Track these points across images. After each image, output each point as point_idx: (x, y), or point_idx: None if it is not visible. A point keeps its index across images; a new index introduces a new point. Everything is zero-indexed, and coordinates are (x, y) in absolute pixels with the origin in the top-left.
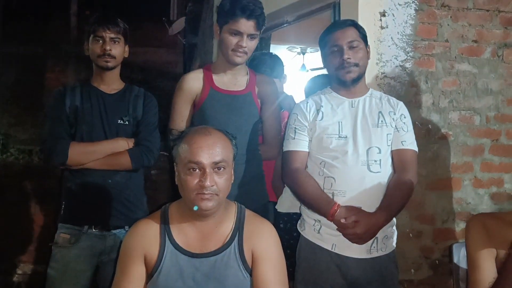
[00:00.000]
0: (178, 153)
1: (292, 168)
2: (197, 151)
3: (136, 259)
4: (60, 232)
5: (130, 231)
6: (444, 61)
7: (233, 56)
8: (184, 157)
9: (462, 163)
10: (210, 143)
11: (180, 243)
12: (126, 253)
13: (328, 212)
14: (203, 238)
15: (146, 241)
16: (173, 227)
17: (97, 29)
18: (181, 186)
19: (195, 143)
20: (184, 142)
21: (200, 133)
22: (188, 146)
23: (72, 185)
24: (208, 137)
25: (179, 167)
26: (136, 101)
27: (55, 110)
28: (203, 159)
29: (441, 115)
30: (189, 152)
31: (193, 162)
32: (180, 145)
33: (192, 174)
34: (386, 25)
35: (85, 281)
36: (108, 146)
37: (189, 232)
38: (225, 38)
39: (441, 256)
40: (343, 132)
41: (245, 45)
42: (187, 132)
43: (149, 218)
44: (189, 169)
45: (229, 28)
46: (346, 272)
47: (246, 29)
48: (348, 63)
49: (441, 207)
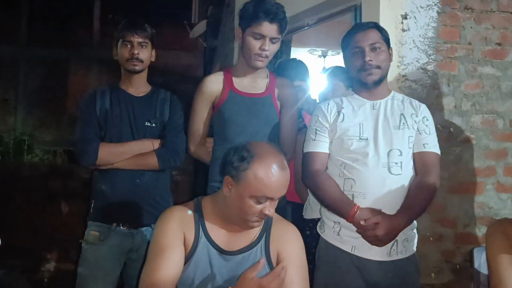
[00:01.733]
0: (247, 178)
1: (312, 170)
2: (274, 186)
3: (177, 240)
4: (89, 229)
5: (167, 215)
6: (467, 63)
7: (255, 61)
8: (257, 189)
9: (485, 167)
10: (284, 180)
11: (212, 236)
12: (165, 235)
13: (348, 213)
14: (231, 236)
15: (184, 226)
16: (206, 220)
17: (126, 34)
18: (239, 205)
19: (272, 178)
20: (257, 171)
21: (277, 167)
22: (265, 178)
23: (102, 185)
24: (283, 173)
25: (243, 190)
26: (163, 104)
27: (86, 113)
28: (276, 194)
29: (463, 118)
30: (264, 186)
31: (267, 197)
32: (249, 172)
33: (259, 203)
34: (408, 28)
35: (114, 277)
36: (136, 146)
37: (219, 228)
38: (248, 41)
39: (462, 260)
40: (364, 134)
41: (268, 48)
42: (259, 159)
43: (183, 206)
44: (258, 199)
45: (252, 31)
46: (366, 275)
47: (269, 33)
48: (370, 65)
49: (463, 211)
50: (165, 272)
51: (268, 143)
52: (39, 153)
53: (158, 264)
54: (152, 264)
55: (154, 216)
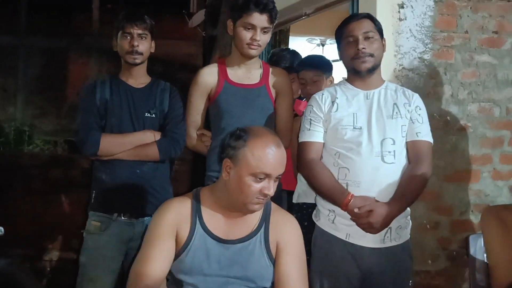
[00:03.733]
0: (245, 157)
1: (307, 159)
2: (271, 163)
3: (169, 233)
4: (91, 219)
5: (163, 207)
6: (464, 52)
7: (248, 50)
8: (255, 165)
9: (481, 155)
10: (281, 157)
11: (209, 227)
12: (158, 227)
13: (342, 201)
14: (231, 226)
15: (179, 218)
16: (204, 210)
17: (126, 26)
18: (239, 187)
19: (269, 154)
20: (254, 148)
21: (273, 144)
22: (262, 155)
23: (102, 175)
24: (280, 150)
25: (241, 169)
26: (162, 94)
27: (87, 103)
28: (273, 171)
29: (460, 107)
30: (261, 161)
31: (264, 173)
32: (247, 149)
33: (258, 182)
34: (405, 17)
35: (116, 266)
36: (137, 137)
37: (218, 218)
38: (239, 33)
39: (458, 247)
40: (358, 123)
41: (259, 39)
42: (255, 137)
43: (181, 198)
44: (256, 177)
45: (242, 22)
46: (360, 262)
47: (260, 23)
48: (363, 53)
49: (459, 198)
50: (153, 263)
51: (263, 127)
52: (40, 143)
53: (147, 254)
54: (142, 254)
55: (154, 206)
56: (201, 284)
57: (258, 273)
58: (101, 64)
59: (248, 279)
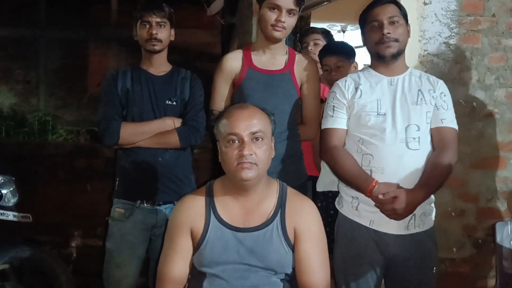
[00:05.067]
0: (219, 129)
1: (330, 146)
2: (235, 123)
3: (183, 232)
4: (115, 207)
5: (177, 206)
6: (491, 36)
7: (272, 31)
8: (224, 131)
9: (508, 141)
10: (246, 115)
11: (224, 217)
12: (174, 227)
13: (366, 188)
14: (246, 214)
15: (192, 215)
16: (217, 202)
17: (144, 15)
18: (223, 160)
19: (233, 116)
20: (223, 117)
21: (237, 107)
22: (227, 120)
23: (125, 163)
24: (244, 110)
25: (220, 143)
26: (183, 83)
27: (108, 93)
28: (241, 130)
29: (487, 92)
30: (227, 125)
31: (232, 134)
32: (220, 122)
33: (231, 146)
34: (430, 1)
35: (141, 252)
36: (157, 125)
37: (232, 207)
38: (264, 14)
39: (484, 235)
40: (382, 109)
41: (284, 20)
42: (226, 109)
43: (195, 193)
44: (229, 141)
45: (268, 3)
46: (384, 248)
47: (286, 4)
48: (388, 38)
49: (485, 186)
50: (174, 265)
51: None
52: (63, 133)
53: (167, 255)
54: (163, 254)
55: (176, 193)
56: (223, 274)
57: (277, 262)
58: (120, 54)
59: (269, 268)
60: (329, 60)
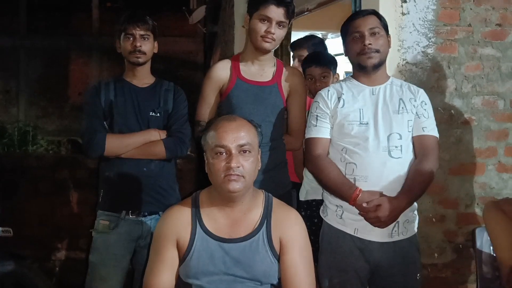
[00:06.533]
0: (206, 140)
1: (314, 155)
2: (223, 135)
3: (169, 243)
4: (100, 219)
5: (163, 217)
6: (467, 45)
7: (262, 42)
8: (211, 142)
9: (486, 147)
10: (234, 127)
11: (210, 228)
12: (160, 238)
13: (350, 196)
14: (232, 225)
15: (178, 226)
16: (203, 213)
17: (128, 27)
18: (210, 171)
19: (220, 128)
20: (211, 129)
21: (225, 119)
22: (215, 131)
23: (109, 174)
24: (233, 122)
25: (207, 154)
26: (166, 94)
27: (91, 105)
28: (229, 142)
29: (464, 100)
30: (215, 137)
31: (219, 146)
32: (207, 133)
33: (219, 158)
34: (408, 11)
35: (125, 264)
36: (142, 137)
37: (218, 218)
38: (254, 25)
39: (464, 240)
40: (364, 118)
41: (274, 32)
42: (213, 121)
43: (181, 204)
44: (216, 153)
45: (259, 14)
46: (368, 256)
47: (276, 16)
48: (369, 49)
49: (464, 191)
50: (160, 277)
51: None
52: (44, 144)
53: (153, 267)
54: (149, 266)
55: (161, 203)
56: (209, 285)
57: (263, 272)
58: (102, 63)
59: (255, 279)
60: (313, 71)
